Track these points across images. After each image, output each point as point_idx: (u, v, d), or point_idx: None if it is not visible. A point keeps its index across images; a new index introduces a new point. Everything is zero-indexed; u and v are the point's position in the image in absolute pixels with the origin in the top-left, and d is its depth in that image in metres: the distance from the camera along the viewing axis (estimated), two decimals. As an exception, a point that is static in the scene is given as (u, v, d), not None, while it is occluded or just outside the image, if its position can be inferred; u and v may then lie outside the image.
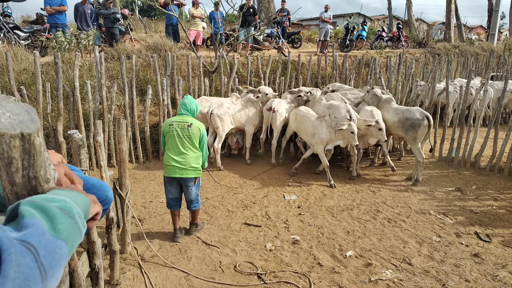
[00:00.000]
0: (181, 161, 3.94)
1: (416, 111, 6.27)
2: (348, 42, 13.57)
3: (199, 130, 3.99)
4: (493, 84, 9.75)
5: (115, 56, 8.85)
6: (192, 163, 3.98)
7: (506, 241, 4.31)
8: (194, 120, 4.05)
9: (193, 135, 3.96)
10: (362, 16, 31.11)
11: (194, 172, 4.02)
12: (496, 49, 16.65)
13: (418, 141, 6.27)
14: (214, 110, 6.60)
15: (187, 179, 4.01)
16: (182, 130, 3.95)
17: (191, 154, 3.98)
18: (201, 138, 4.04)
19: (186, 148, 3.96)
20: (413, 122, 6.17)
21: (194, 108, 4.11)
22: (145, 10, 31.40)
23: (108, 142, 6.71)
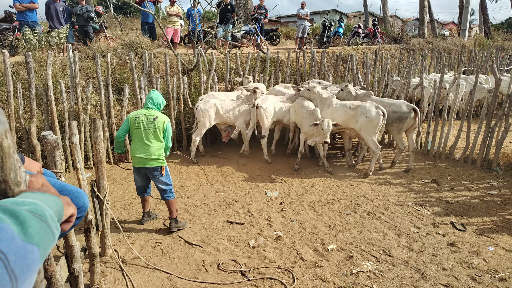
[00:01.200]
0: (145, 152, 4.16)
1: (403, 104, 6.53)
2: (325, 38, 13.71)
3: (163, 123, 4.22)
4: (467, 79, 10.08)
5: (89, 54, 8.63)
6: (155, 153, 4.19)
7: (480, 229, 4.48)
8: (159, 113, 4.26)
9: (158, 127, 4.18)
10: (339, 13, 31.51)
11: (157, 162, 4.20)
12: (467, 44, 17.23)
13: (401, 132, 6.60)
14: (200, 105, 6.88)
15: (151, 169, 4.22)
16: (147, 123, 4.17)
17: (155, 145, 4.19)
18: (165, 130, 4.26)
19: (150, 139, 4.18)
20: (400, 115, 6.42)
21: (160, 102, 4.34)
22: (120, 7, 30.72)
23: (84, 143, 6.54)
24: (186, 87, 7.78)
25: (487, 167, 6.66)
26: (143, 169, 4.27)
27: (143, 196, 4.52)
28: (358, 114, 6.14)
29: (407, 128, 6.59)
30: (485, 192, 5.67)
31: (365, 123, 6.08)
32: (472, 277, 3.48)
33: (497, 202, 5.28)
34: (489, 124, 6.65)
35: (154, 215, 4.76)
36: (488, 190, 5.72)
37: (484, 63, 13.30)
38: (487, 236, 4.29)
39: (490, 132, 6.64)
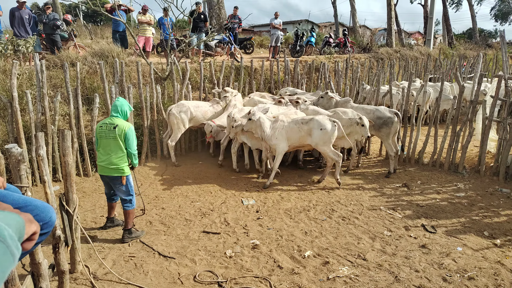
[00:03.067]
0: (106, 161, 4.19)
1: (385, 110, 6.78)
2: (298, 47, 13.97)
3: (123, 131, 4.16)
4: (436, 86, 10.52)
5: (58, 63, 8.37)
6: (115, 163, 4.18)
7: (449, 230, 4.65)
8: (121, 121, 4.21)
9: (118, 136, 4.14)
10: (310, 23, 32.23)
11: (117, 171, 4.20)
12: (432, 53, 18.04)
13: (390, 136, 6.75)
14: (173, 110, 7.09)
15: (111, 178, 4.25)
16: (108, 132, 4.17)
17: (115, 155, 4.18)
18: (127, 139, 4.20)
19: (111, 148, 4.18)
20: (385, 120, 6.64)
21: (125, 109, 4.31)
22: (90, 15, 30.04)
23: (52, 155, 6.29)
24: (160, 96, 7.67)
25: (454, 171, 6.94)
26: (105, 177, 4.33)
27: (110, 203, 4.59)
28: (312, 127, 5.93)
29: (395, 132, 6.80)
30: (453, 194, 5.90)
31: (321, 136, 5.88)
32: (443, 277, 3.59)
33: (464, 204, 5.50)
34: (455, 129, 6.96)
35: (118, 221, 4.73)
36: (455, 193, 5.95)
37: (448, 71, 13.95)
38: (456, 237, 4.45)
39: (456, 137, 6.95)
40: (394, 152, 6.84)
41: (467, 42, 25.01)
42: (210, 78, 9.31)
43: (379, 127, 6.76)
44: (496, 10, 38.59)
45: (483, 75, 6.95)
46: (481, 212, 5.20)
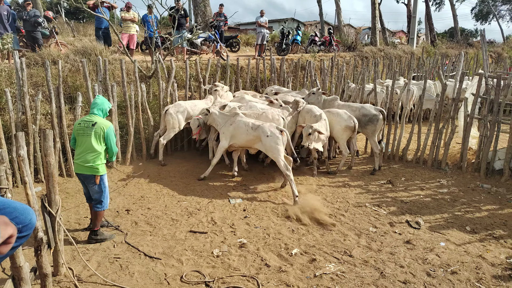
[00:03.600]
0: (81, 158, 4.12)
1: (371, 108, 6.91)
2: (284, 46, 13.98)
3: (102, 129, 4.11)
4: (420, 84, 10.70)
5: (39, 61, 8.14)
6: (90, 161, 4.10)
7: (432, 226, 4.74)
8: (100, 119, 4.17)
9: (95, 133, 4.09)
10: (296, 21, 32.33)
11: (91, 170, 4.13)
12: (415, 51, 18.34)
13: (375, 133, 6.87)
14: (170, 109, 7.06)
15: (85, 176, 4.18)
16: (86, 129, 4.11)
17: (91, 152, 4.10)
18: (106, 137, 4.16)
19: (88, 146, 4.10)
20: (371, 118, 6.77)
21: (105, 108, 4.29)
22: (72, 12, 29.41)
23: (34, 156, 6.14)
24: (145, 95, 7.57)
25: (437, 167, 7.08)
26: (80, 175, 4.25)
27: (89, 203, 4.43)
28: (260, 134, 5.81)
29: (380, 129, 6.94)
30: (436, 190, 6.02)
31: (268, 143, 5.72)
32: (427, 272, 3.66)
33: (447, 200, 5.62)
34: (438, 126, 7.10)
35: (103, 222, 4.63)
36: (438, 189, 6.08)
37: (431, 69, 14.21)
38: (439, 232, 4.55)
39: (439, 134, 7.09)
40: (379, 149, 6.94)
41: (449, 41, 25.54)
42: (196, 77, 9.24)
43: (365, 125, 6.87)
44: (476, 10, 39.55)
45: (464, 73, 7.10)
46: (463, 208, 5.32)
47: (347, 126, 6.55)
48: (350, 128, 6.57)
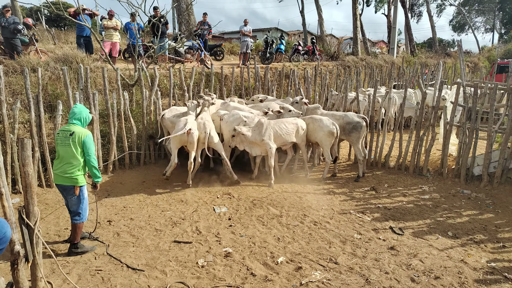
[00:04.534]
0: (60, 169, 4.04)
1: (354, 116, 7.07)
2: (268, 55, 14.11)
3: (80, 138, 4.01)
4: (401, 93, 10.94)
5: (17, 69, 7.95)
6: (68, 171, 4.01)
7: (415, 232, 4.80)
8: (78, 128, 4.08)
9: (73, 143, 3.99)
10: (280, 31, 32.71)
11: (70, 180, 4.03)
12: (396, 61, 18.80)
13: (360, 141, 6.98)
14: (166, 114, 7.10)
15: (63, 186, 4.08)
16: (64, 139, 4.02)
17: (69, 162, 4.02)
18: (84, 147, 4.05)
19: (66, 156, 4.03)
20: (355, 125, 6.91)
21: (84, 117, 4.19)
22: (53, 19, 28.91)
23: (12, 165, 5.94)
24: (127, 103, 7.46)
25: (418, 173, 7.22)
26: (59, 186, 4.14)
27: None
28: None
29: (364, 136, 7.09)
30: (418, 197, 6.12)
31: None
32: (411, 278, 3.70)
33: (429, 206, 5.72)
34: (418, 133, 7.25)
35: (85, 234, 4.55)
36: (420, 195, 6.19)
37: (411, 78, 14.58)
38: (422, 238, 4.61)
39: (420, 141, 7.24)
40: (363, 156, 7.05)
41: (427, 51, 26.30)
42: (180, 85, 9.19)
43: (349, 132, 6.98)
44: (454, 21, 41.00)
45: (443, 82, 7.30)
46: (445, 213, 5.43)
47: (330, 131, 6.67)
48: (332, 133, 6.69)
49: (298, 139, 6.81)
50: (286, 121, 6.77)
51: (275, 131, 6.51)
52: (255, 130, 6.44)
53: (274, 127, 6.54)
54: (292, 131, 6.68)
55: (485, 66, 21.82)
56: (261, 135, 6.40)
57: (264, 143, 6.43)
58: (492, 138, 6.37)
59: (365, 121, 6.99)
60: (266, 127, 6.45)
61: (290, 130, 6.66)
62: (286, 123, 6.71)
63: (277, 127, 6.56)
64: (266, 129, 6.43)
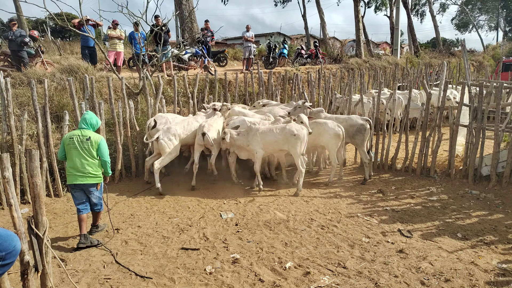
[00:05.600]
0: (81, 170, 4.53)
1: (358, 118, 7.02)
2: (271, 59, 14.16)
3: (96, 142, 4.60)
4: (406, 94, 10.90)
5: (24, 81, 8.07)
6: (91, 171, 4.58)
7: (424, 234, 4.76)
8: (92, 133, 4.65)
9: (91, 146, 4.56)
10: (282, 35, 32.81)
11: (94, 179, 4.62)
12: (400, 62, 18.74)
13: (364, 143, 6.92)
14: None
15: (88, 185, 4.60)
16: (81, 143, 4.54)
17: (90, 163, 4.57)
18: (99, 149, 4.62)
19: (86, 158, 4.54)
20: (358, 128, 6.86)
21: (94, 123, 4.74)
22: (58, 31, 29.35)
23: (20, 176, 6.01)
24: (133, 111, 7.52)
25: (426, 175, 7.16)
26: (80, 185, 4.58)
27: (83, 214, 4.63)
28: None
29: (368, 138, 7.02)
30: (426, 198, 6.07)
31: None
32: (421, 281, 3.66)
33: (437, 207, 5.67)
34: (425, 135, 7.21)
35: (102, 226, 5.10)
36: (428, 197, 6.13)
37: (415, 79, 14.52)
38: (431, 240, 4.57)
39: (426, 142, 7.19)
40: (368, 158, 7.01)
41: (431, 51, 26.21)
42: (184, 92, 9.25)
43: (353, 135, 6.94)
44: (456, 19, 40.83)
45: (448, 82, 7.27)
46: (454, 215, 5.37)
47: (336, 134, 6.62)
48: (339, 136, 6.64)
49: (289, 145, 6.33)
50: (275, 127, 6.45)
51: (262, 137, 6.33)
52: (244, 134, 6.46)
53: (262, 132, 6.36)
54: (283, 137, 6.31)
55: (490, 65, 21.66)
56: (247, 140, 6.39)
57: (251, 148, 6.40)
58: (499, 138, 6.31)
59: (369, 123, 6.96)
60: (255, 133, 6.37)
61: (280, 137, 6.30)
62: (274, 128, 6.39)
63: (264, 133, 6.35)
64: (254, 134, 6.36)
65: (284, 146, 6.35)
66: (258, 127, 6.50)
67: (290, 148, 6.31)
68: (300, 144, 6.28)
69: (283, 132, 6.28)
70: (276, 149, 6.49)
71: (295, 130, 6.24)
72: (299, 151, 6.31)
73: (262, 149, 6.39)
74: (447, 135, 7.28)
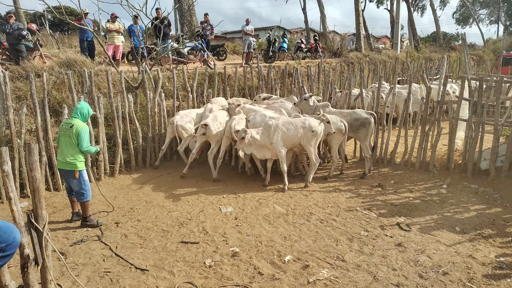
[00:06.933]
0: (62, 155, 4.79)
1: (362, 112, 6.98)
2: (271, 53, 14.10)
3: (77, 130, 4.73)
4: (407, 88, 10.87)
5: (22, 74, 8.03)
6: (69, 158, 4.74)
7: (423, 228, 4.78)
8: (77, 122, 4.80)
9: (72, 134, 4.73)
10: (282, 29, 32.64)
11: (70, 166, 4.76)
12: (400, 56, 18.67)
13: (367, 137, 6.90)
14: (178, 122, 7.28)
15: (65, 171, 4.82)
16: (66, 130, 4.78)
17: (69, 151, 4.75)
18: (79, 138, 4.74)
19: (66, 145, 4.77)
20: (363, 122, 6.84)
21: (85, 112, 4.93)
22: (57, 24, 29.14)
23: (20, 170, 6.02)
24: (132, 106, 7.50)
25: (425, 169, 7.17)
26: (60, 171, 4.90)
27: (70, 197, 5.10)
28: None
29: (372, 133, 7.02)
30: (425, 192, 6.09)
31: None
32: (419, 274, 3.68)
33: (436, 201, 5.69)
34: (424, 129, 7.20)
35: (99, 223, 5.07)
36: (427, 191, 6.15)
37: (415, 73, 14.48)
38: (430, 234, 4.59)
39: (425, 136, 7.19)
40: (370, 153, 7.01)
41: (432, 45, 26.11)
42: (183, 86, 9.22)
43: (357, 129, 6.92)
44: (457, 14, 40.62)
45: (448, 76, 7.24)
46: (452, 208, 5.39)
47: (338, 129, 6.61)
48: (341, 131, 6.64)
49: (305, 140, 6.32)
50: (294, 121, 6.44)
51: (283, 132, 6.24)
52: (264, 132, 6.26)
53: (282, 128, 6.26)
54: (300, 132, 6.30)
55: (490, 59, 21.59)
56: (269, 138, 6.23)
57: (273, 146, 6.21)
58: (498, 132, 6.30)
59: (374, 117, 6.94)
60: (275, 129, 6.22)
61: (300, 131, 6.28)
62: (294, 123, 6.37)
63: (284, 128, 6.26)
64: (274, 130, 6.21)
65: (301, 141, 6.32)
66: (277, 122, 6.34)
67: (305, 143, 6.29)
68: (316, 140, 6.33)
69: (302, 127, 6.27)
70: (296, 143, 6.38)
71: (314, 126, 6.23)
72: (315, 146, 6.36)
73: (284, 146, 6.24)
74: (446, 129, 7.28)
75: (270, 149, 6.30)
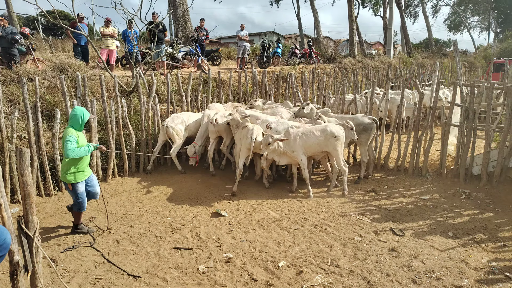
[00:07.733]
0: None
1: (364, 117, 7.00)
2: (265, 58, 14.16)
3: (64, 139, 4.46)
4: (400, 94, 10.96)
5: (15, 78, 7.96)
6: (62, 170, 4.63)
7: (416, 233, 4.80)
8: (66, 130, 4.53)
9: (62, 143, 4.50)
10: (276, 34, 32.86)
11: (63, 177, 4.61)
12: (393, 62, 18.86)
13: (368, 142, 6.94)
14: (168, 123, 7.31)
15: (64, 182, 4.68)
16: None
17: (63, 162, 4.61)
18: (63, 147, 4.45)
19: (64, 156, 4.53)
20: (365, 127, 6.87)
21: (77, 119, 4.59)
22: (50, 28, 29.02)
23: (10, 175, 5.93)
24: (125, 110, 7.46)
25: (418, 174, 7.21)
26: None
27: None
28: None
29: (373, 138, 7.06)
30: (418, 197, 6.12)
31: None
32: (412, 279, 3.69)
33: (429, 206, 5.72)
34: (417, 134, 7.26)
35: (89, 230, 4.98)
36: (420, 196, 6.18)
37: (408, 79, 14.62)
38: (423, 239, 4.60)
39: (418, 141, 7.24)
40: (367, 158, 7.04)
41: (424, 52, 26.41)
42: (177, 91, 9.20)
43: (358, 134, 6.90)
44: (449, 20, 41.20)
45: (440, 82, 7.32)
46: (445, 213, 5.42)
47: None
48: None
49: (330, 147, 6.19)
50: (315, 128, 6.34)
51: (303, 141, 6.14)
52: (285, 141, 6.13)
53: (303, 136, 6.16)
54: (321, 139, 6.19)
55: (481, 66, 21.89)
56: (290, 146, 6.13)
57: (295, 155, 6.15)
58: (490, 137, 6.38)
59: (376, 122, 6.97)
60: (295, 137, 6.13)
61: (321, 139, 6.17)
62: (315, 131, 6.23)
63: (305, 137, 6.16)
64: (295, 139, 6.12)
65: (325, 148, 6.20)
66: (297, 130, 6.23)
67: (331, 149, 6.17)
68: (341, 145, 6.22)
69: (323, 133, 6.14)
70: (317, 151, 6.27)
71: (336, 132, 6.12)
72: (341, 151, 6.24)
73: (305, 154, 6.17)
74: (439, 134, 7.35)
75: (291, 157, 6.24)
